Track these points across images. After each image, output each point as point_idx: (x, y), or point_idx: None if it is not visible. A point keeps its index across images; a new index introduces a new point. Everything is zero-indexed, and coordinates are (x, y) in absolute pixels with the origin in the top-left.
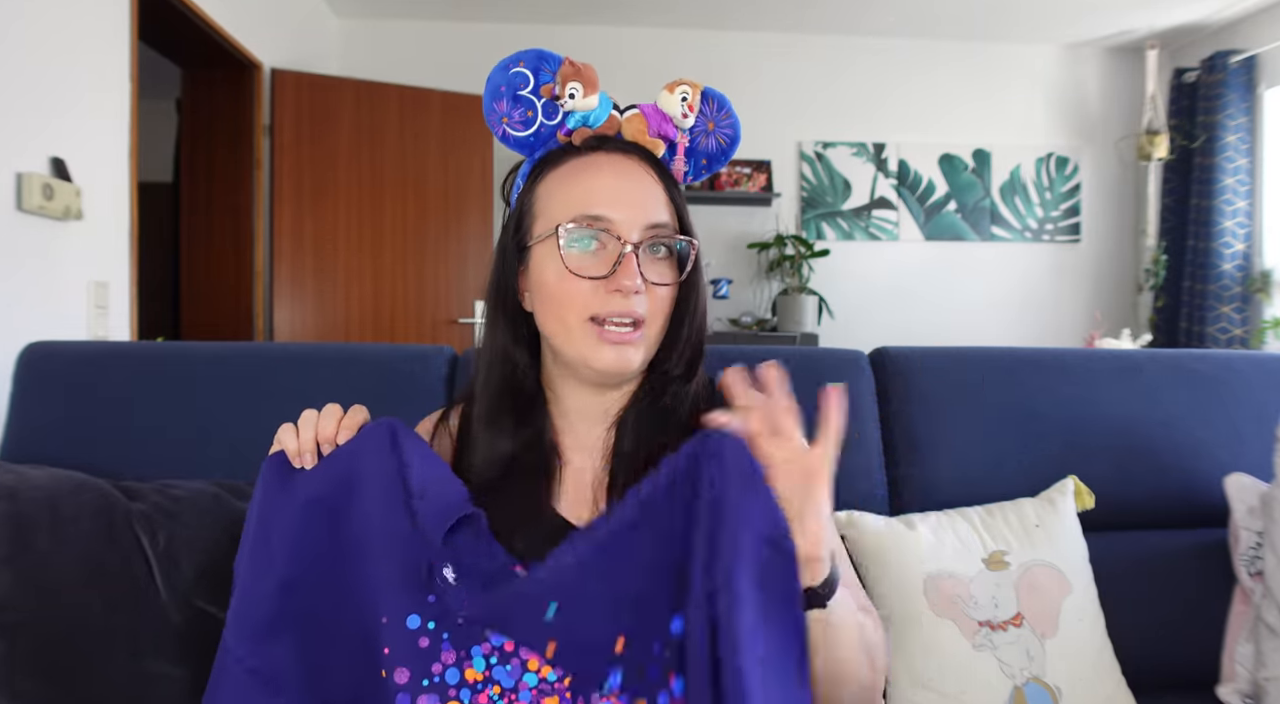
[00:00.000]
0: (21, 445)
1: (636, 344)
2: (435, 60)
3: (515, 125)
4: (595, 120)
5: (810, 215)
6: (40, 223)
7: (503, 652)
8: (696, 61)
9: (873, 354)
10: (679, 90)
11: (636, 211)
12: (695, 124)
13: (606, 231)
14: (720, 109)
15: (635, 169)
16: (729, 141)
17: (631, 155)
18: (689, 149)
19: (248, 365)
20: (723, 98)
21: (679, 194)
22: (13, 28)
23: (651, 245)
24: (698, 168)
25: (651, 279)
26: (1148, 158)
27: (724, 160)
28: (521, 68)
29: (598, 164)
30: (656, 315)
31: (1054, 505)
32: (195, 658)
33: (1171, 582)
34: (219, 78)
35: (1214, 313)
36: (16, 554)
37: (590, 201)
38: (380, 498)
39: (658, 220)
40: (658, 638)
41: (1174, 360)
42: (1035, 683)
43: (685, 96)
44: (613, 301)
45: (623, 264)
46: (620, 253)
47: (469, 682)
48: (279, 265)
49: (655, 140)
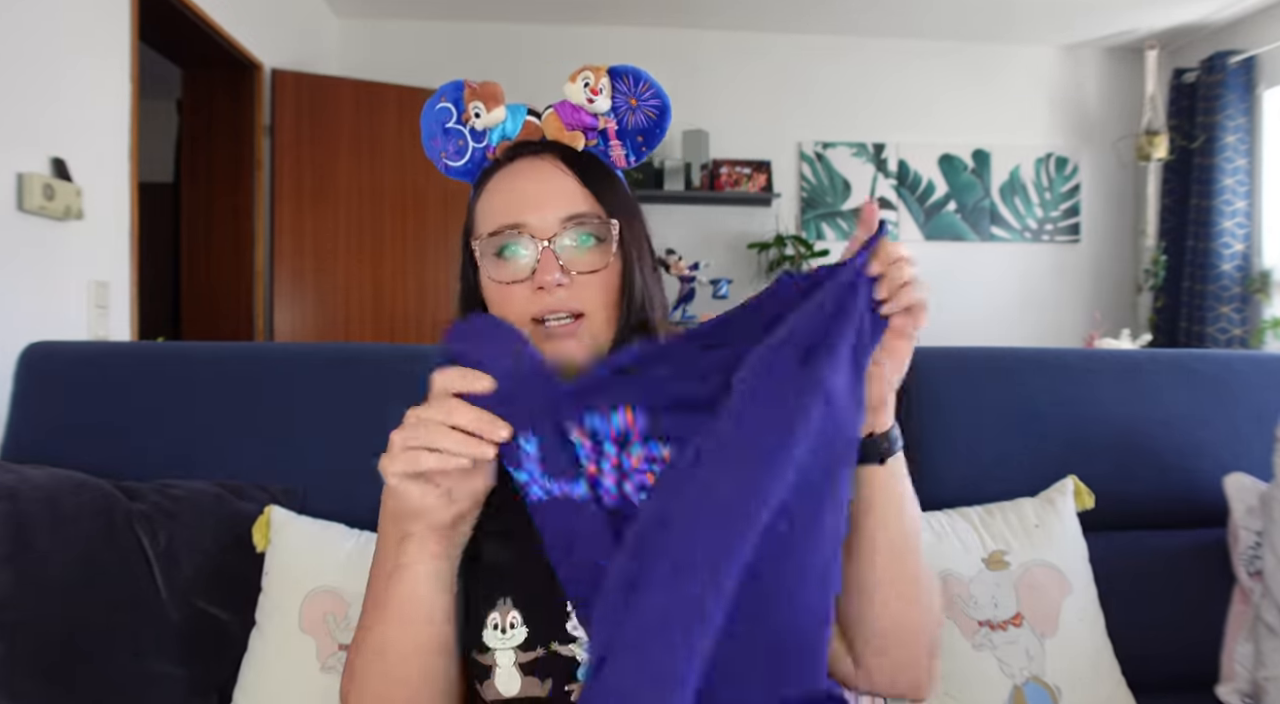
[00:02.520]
0: (21, 445)
1: (579, 336)
2: (435, 60)
3: (452, 157)
4: (511, 131)
5: (810, 215)
6: (40, 223)
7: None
8: (696, 61)
9: None
10: (580, 77)
11: (549, 208)
12: (617, 103)
13: (524, 235)
14: (638, 83)
15: (547, 168)
16: (658, 112)
17: (545, 156)
18: (619, 131)
19: (248, 365)
20: (638, 72)
21: (602, 181)
22: (13, 28)
23: (574, 236)
24: (635, 147)
25: (576, 269)
26: (1147, 158)
27: (660, 133)
28: (444, 102)
29: (514, 172)
30: (598, 304)
31: (1054, 505)
32: (195, 658)
33: (1171, 582)
34: (219, 78)
35: (1214, 313)
36: (16, 554)
37: (506, 210)
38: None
39: (573, 212)
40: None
41: (1174, 360)
42: (1035, 682)
43: (587, 82)
44: (542, 300)
45: (541, 262)
46: (539, 251)
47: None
48: (279, 265)
49: (574, 133)
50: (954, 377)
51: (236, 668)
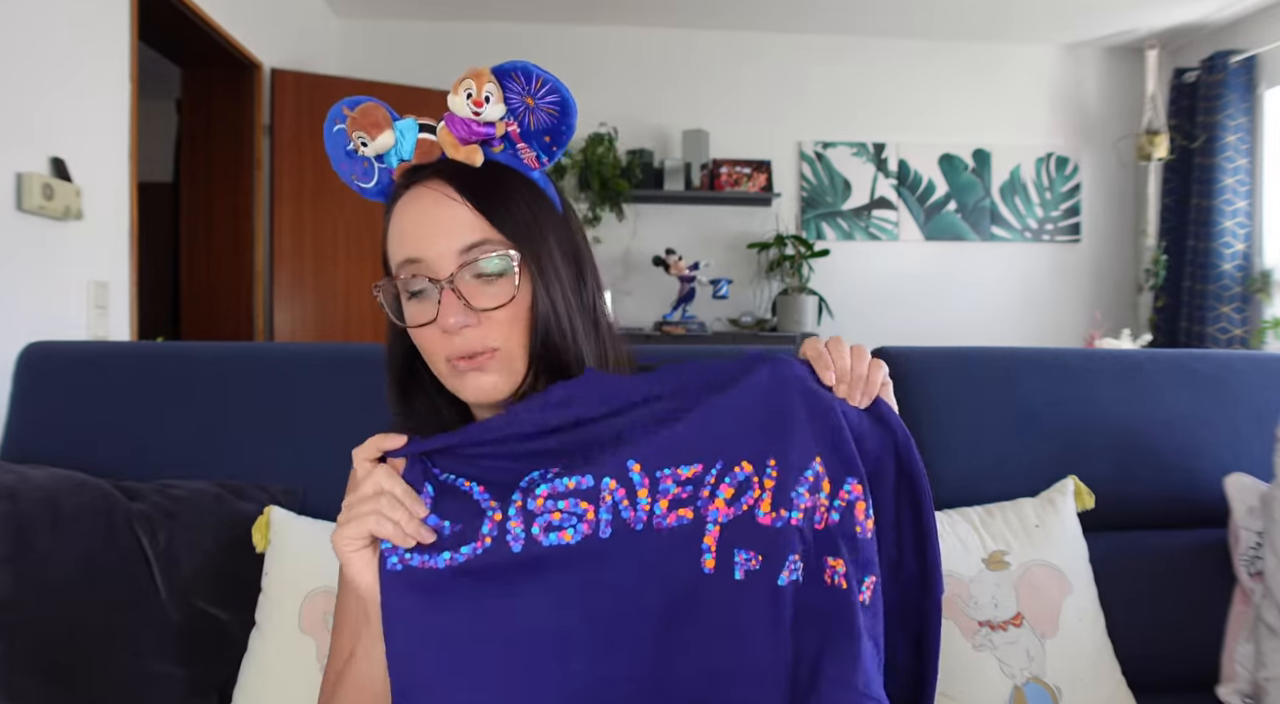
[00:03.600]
0: (21, 445)
1: (489, 369)
2: (435, 60)
3: (362, 179)
4: (404, 152)
5: (810, 215)
6: (40, 223)
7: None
8: (696, 61)
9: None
10: (462, 87)
11: (444, 243)
12: (514, 105)
13: (422, 276)
14: (530, 81)
15: (436, 197)
16: (559, 107)
17: (430, 181)
18: (523, 133)
19: (248, 365)
20: (528, 68)
21: (501, 203)
22: (13, 27)
23: (473, 270)
24: (544, 147)
25: (479, 306)
26: (1147, 158)
27: (566, 130)
28: (340, 126)
29: (408, 201)
30: (510, 336)
31: (1054, 505)
32: (195, 658)
33: (1171, 582)
34: (219, 78)
35: (1214, 313)
36: (16, 554)
37: (403, 248)
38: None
39: (470, 242)
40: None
41: (1174, 360)
42: (1035, 683)
43: (470, 92)
44: (451, 342)
45: (442, 304)
46: (439, 292)
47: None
48: (279, 265)
49: (469, 147)
50: (954, 376)
51: (236, 668)
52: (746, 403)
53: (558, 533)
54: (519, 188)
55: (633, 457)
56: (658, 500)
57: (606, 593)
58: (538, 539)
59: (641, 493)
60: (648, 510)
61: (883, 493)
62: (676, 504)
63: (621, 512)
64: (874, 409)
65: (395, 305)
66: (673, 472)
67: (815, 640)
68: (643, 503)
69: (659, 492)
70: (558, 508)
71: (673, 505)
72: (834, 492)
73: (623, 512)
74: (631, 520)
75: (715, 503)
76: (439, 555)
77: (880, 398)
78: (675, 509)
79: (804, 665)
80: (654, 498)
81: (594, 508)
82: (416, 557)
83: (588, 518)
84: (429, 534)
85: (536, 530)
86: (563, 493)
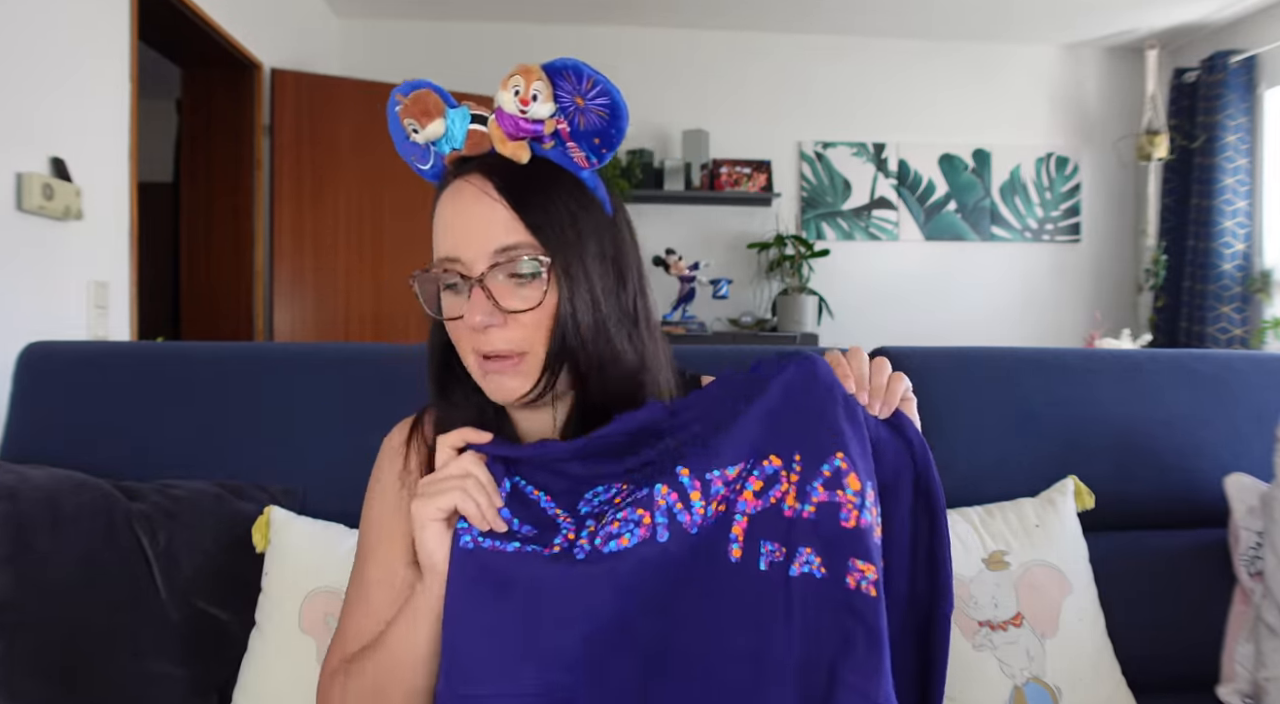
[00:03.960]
0: (21, 445)
1: (512, 372)
2: (435, 60)
3: (419, 161)
4: (453, 141)
5: (810, 215)
6: (40, 223)
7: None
8: (696, 61)
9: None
10: (510, 83)
11: (479, 242)
12: (564, 103)
13: (458, 272)
14: (581, 80)
15: (477, 194)
16: (609, 110)
17: (472, 176)
18: (573, 133)
19: (248, 365)
20: (579, 67)
21: (540, 206)
22: (13, 27)
23: (505, 272)
24: (594, 149)
25: (508, 307)
26: (1147, 158)
27: (616, 133)
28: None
29: (451, 195)
30: (536, 341)
31: (1054, 505)
32: (195, 658)
33: (1171, 582)
34: (219, 78)
35: (1214, 313)
36: (16, 554)
37: (443, 243)
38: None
39: (504, 244)
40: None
41: (1174, 360)
42: (1035, 683)
43: (517, 89)
44: (477, 338)
45: (471, 302)
46: (469, 290)
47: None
48: (279, 265)
49: (518, 143)
50: (954, 376)
51: (236, 668)
52: (776, 399)
53: (617, 540)
54: (563, 187)
55: (679, 462)
56: (710, 503)
57: (665, 585)
58: (600, 548)
59: (694, 495)
60: (702, 513)
61: (897, 506)
62: (722, 502)
63: (677, 515)
64: (893, 419)
65: (434, 295)
66: (720, 473)
67: (832, 643)
68: (697, 506)
69: (710, 494)
70: (617, 517)
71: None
72: (862, 490)
73: (678, 515)
74: (688, 524)
75: (744, 494)
76: (509, 543)
77: (900, 410)
78: (720, 505)
79: (818, 668)
80: (706, 500)
81: (650, 513)
82: (489, 540)
83: (644, 523)
84: (503, 524)
85: (599, 541)
86: (623, 503)
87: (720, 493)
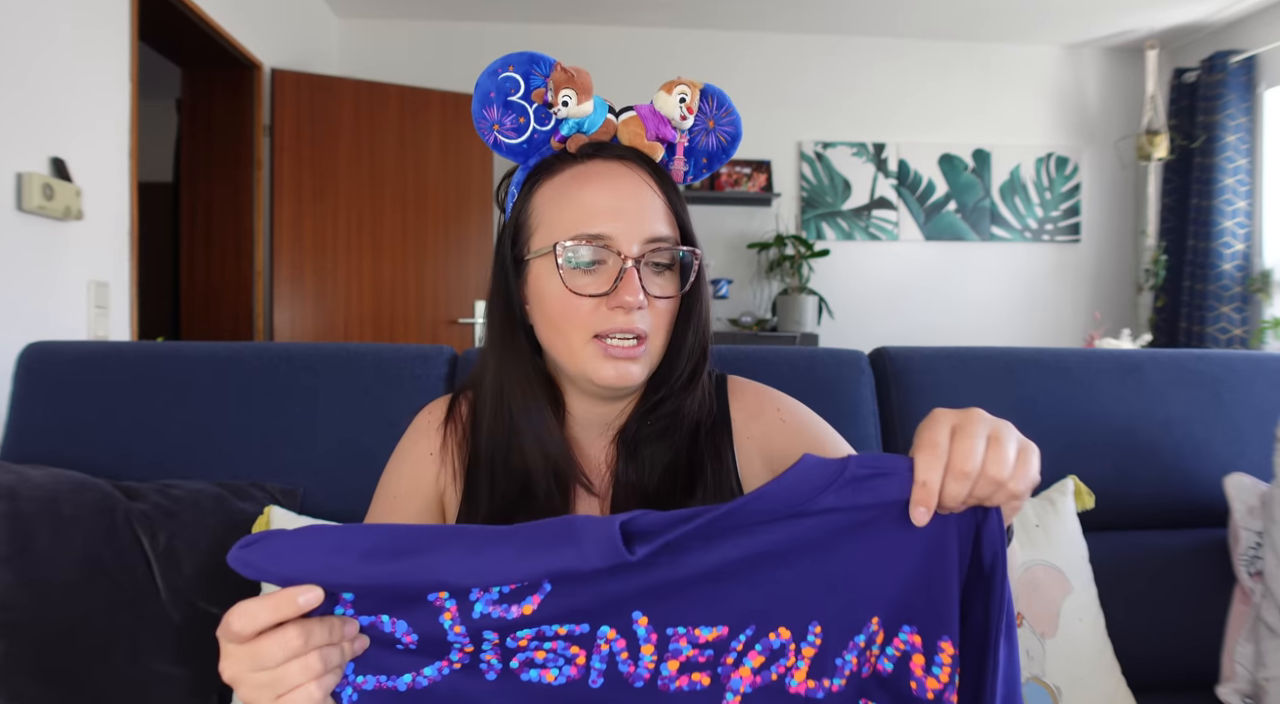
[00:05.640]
0: (21, 445)
1: (639, 359)
2: (435, 60)
3: (507, 132)
4: (590, 126)
5: (810, 215)
6: (40, 223)
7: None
8: (696, 61)
9: (873, 354)
10: (677, 91)
11: (635, 225)
12: (695, 123)
13: (606, 248)
14: (720, 107)
15: (633, 178)
16: (730, 139)
17: (628, 162)
18: (688, 148)
19: (248, 365)
20: (722, 94)
21: (679, 200)
22: (13, 28)
23: (657, 258)
24: (698, 167)
25: (653, 293)
26: (1147, 158)
27: (725, 158)
28: (511, 72)
29: (594, 174)
30: (659, 329)
31: (1054, 505)
32: (195, 658)
33: (1171, 582)
34: (219, 78)
35: (1214, 313)
36: (16, 554)
37: (588, 217)
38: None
39: (657, 233)
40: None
41: (1174, 360)
42: (1035, 683)
43: (684, 97)
44: (615, 318)
45: (624, 280)
46: (621, 268)
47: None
48: (279, 265)
49: (653, 144)
50: (954, 376)
51: None
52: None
53: (540, 671)
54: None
55: (639, 609)
56: (665, 660)
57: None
58: (516, 674)
59: (646, 649)
60: (651, 669)
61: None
62: (690, 667)
63: (619, 664)
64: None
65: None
66: (688, 631)
67: None
68: (646, 659)
69: (667, 651)
70: (542, 648)
71: (685, 668)
72: (888, 640)
73: (620, 664)
74: (630, 676)
75: (740, 670)
76: (398, 678)
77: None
78: (688, 672)
79: None
80: (660, 657)
81: (585, 653)
82: (371, 679)
83: (577, 662)
84: (366, 640)
85: (515, 664)
86: (550, 636)
87: (684, 653)
